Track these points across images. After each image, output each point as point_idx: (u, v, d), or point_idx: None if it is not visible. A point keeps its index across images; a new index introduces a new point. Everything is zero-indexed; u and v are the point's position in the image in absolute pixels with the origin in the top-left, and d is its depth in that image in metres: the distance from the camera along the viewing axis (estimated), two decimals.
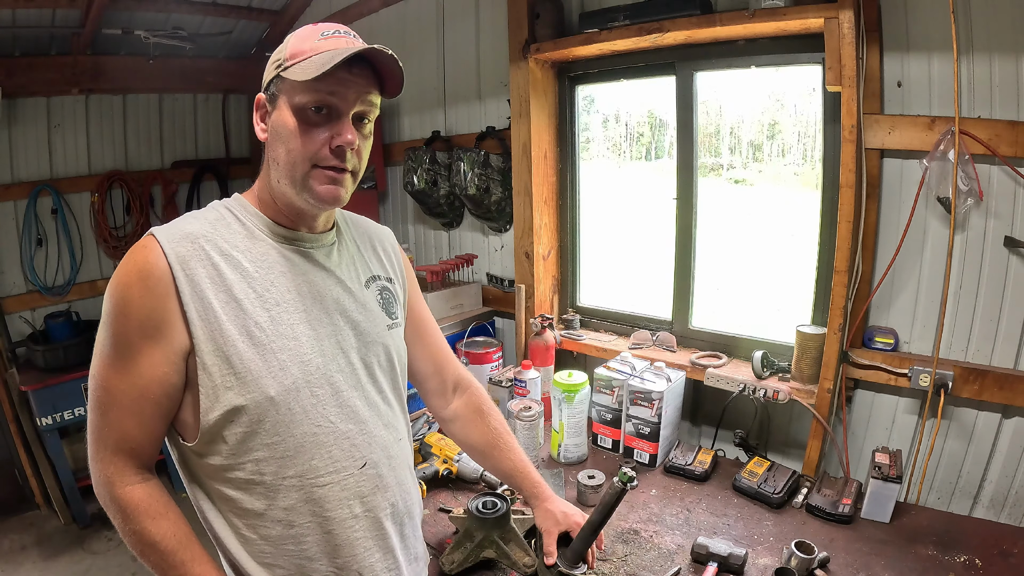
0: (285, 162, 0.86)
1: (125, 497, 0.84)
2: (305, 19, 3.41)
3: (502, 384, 2.02)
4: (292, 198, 0.88)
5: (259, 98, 0.90)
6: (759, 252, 2.20)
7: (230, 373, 0.83)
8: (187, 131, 3.72)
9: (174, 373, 0.83)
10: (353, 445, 0.92)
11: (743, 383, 1.74)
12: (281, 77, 0.86)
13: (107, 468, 0.84)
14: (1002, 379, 1.46)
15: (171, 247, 0.82)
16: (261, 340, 0.85)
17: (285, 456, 0.86)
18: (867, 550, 1.33)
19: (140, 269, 0.81)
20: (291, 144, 0.85)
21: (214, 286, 0.83)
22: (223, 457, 0.85)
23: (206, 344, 0.82)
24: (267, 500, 0.87)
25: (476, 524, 1.26)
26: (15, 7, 2.57)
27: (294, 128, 0.85)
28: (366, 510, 0.93)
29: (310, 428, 0.88)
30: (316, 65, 0.81)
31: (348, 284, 0.97)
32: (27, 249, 3.11)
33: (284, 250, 0.91)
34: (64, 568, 2.74)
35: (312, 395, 0.88)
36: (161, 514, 0.85)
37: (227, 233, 0.88)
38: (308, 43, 0.85)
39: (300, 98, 0.84)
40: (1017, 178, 1.40)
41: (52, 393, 2.84)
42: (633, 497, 1.56)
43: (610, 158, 2.53)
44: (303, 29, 0.89)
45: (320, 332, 0.91)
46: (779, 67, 1.81)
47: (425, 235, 2.95)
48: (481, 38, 2.48)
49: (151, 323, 0.81)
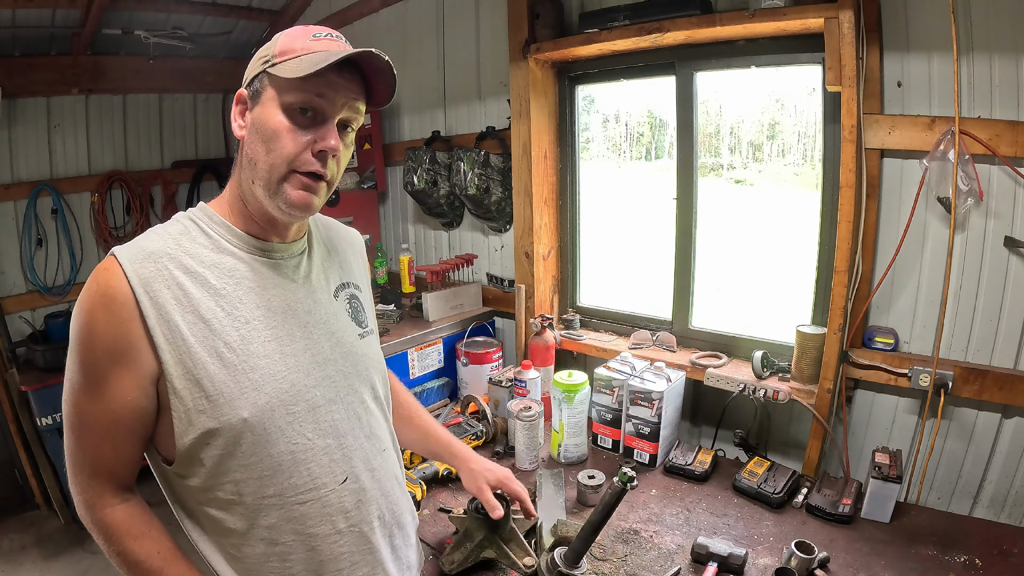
0: (264, 162, 0.82)
1: (105, 520, 0.83)
2: (305, 19, 3.41)
3: (502, 384, 2.02)
4: (264, 203, 0.85)
5: (240, 93, 0.86)
6: (759, 252, 2.20)
7: (202, 396, 0.80)
8: (187, 131, 3.73)
9: (144, 398, 0.80)
10: (332, 460, 0.89)
11: (743, 383, 1.74)
12: (268, 73, 0.82)
13: (86, 492, 0.83)
14: (1002, 379, 1.46)
15: (132, 268, 0.79)
16: (232, 361, 0.82)
17: (263, 476, 0.84)
18: (867, 550, 1.33)
19: (103, 293, 0.78)
20: (272, 143, 0.81)
21: (180, 307, 0.80)
22: (201, 479, 0.84)
23: (175, 368, 0.79)
24: (248, 520, 0.85)
25: (476, 524, 1.26)
26: (15, 7, 2.57)
27: (277, 126, 0.81)
28: (350, 525, 0.91)
29: (287, 447, 0.85)
30: (308, 63, 0.79)
31: (319, 295, 0.95)
32: (27, 249, 3.11)
33: (253, 262, 0.87)
34: (64, 568, 2.74)
35: (288, 413, 0.85)
36: (143, 533, 0.84)
37: (192, 247, 0.84)
38: (299, 42, 0.83)
39: (286, 96, 0.81)
40: (1017, 178, 1.40)
41: (52, 393, 2.83)
42: (633, 497, 1.56)
43: (610, 158, 2.54)
44: (294, 28, 0.86)
45: (294, 347, 0.88)
46: (779, 67, 1.81)
47: (425, 235, 2.95)
48: (481, 38, 2.48)
49: (117, 348, 0.78)
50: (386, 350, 2.04)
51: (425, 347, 2.25)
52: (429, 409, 2.21)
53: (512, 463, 1.76)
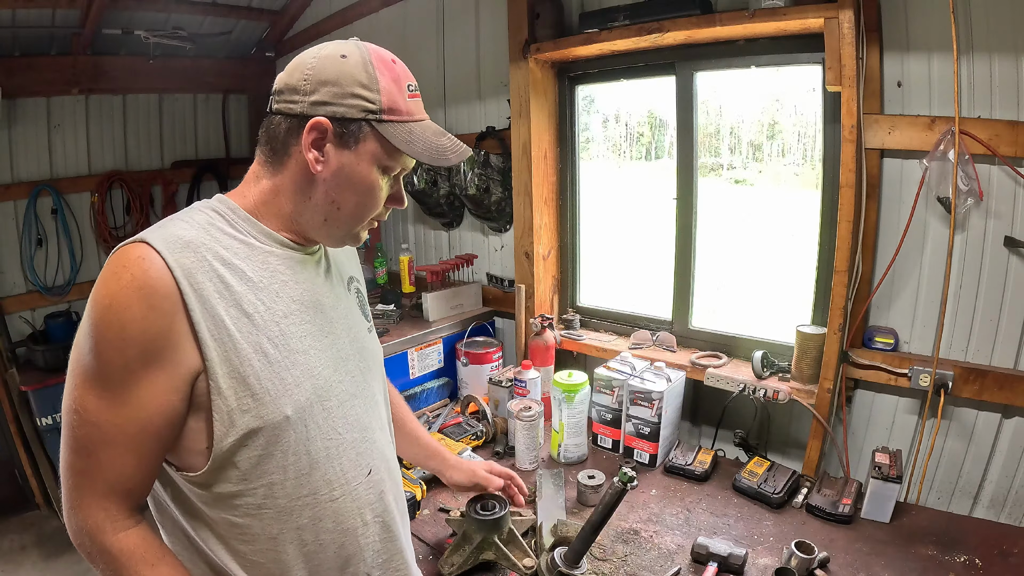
0: (351, 214, 0.85)
1: (118, 545, 0.75)
2: (305, 19, 3.41)
3: (502, 384, 2.02)
4: (321, 236, 0.88)
5: (321, 122, 0.78)
6: (759, 252, 2.20)
7: (248, 395, 0.77)
8: (187, 131, 3.72)
9: (180, 401, 0.75)
10: (359, 453, 0.91)
11: (743, 383, 1.74)
12: (373, 127, 0.80)
13: (95, 515, 0.75)
14: (1002, 379, 1.46)
15: (174, 258, 0.73)
16: (275, 357, 0.80)
17: (300, 475, 0.83)
18: (867, 550, 1.33)
19: (142, 285, 0.70)
20: (365, 199, 0.84)
21: (223, 300, 0.76)
22: (233, 483, 0.79)
23: (221, 366, 0.75)
24: (280, 523, 0.83)
25: (475, 526, 1.26)
26: (15, 7, 2.57)
27: (374, 184, 0.84)
28: (375, 516, 0.93)
29: (323, 443, 0.85)
30: (423, 147, 0.82)
31: (338, 289, 0.96)
32: (27, 249, 3.10)
33: (284, 256, 0.86)
34: (64, 568, 2.73)
35: (323, 409, 0.85)
36: (159, 559, 0.78)
37: (223, 239, 0.80)
38: (401, 99, 0.82)
39: (390, 162, 0.84)
40: (1017, 178, 1.40)
41: (52, 393, 2.83)
42: (633, 497, 1.56)
43: (610, 158, 2.54)
44: (385, 66, 0.82)
45: (324, 342, 0.88)
46: (779, 67, 1.81)
47: (425, 235, 2.95)
48: (481, 38, 2.48)
49: (155, 347, 0.72)
50: (386, 350, 2.04)
51: (425, 347, 2.25)
52: (429, 409, 2.21)
53: (512, 463, 1.76)
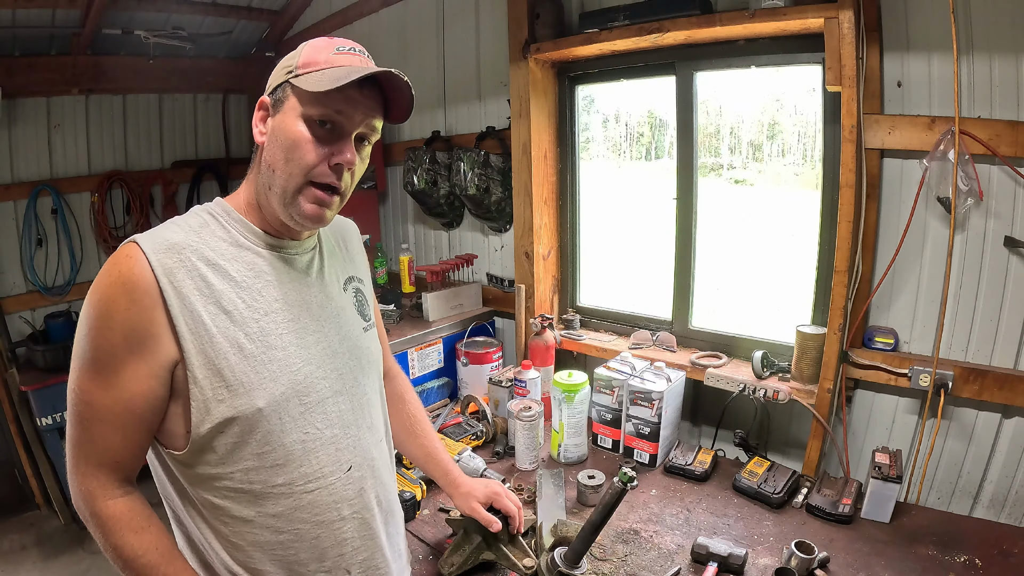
0: (282, 170, 0.85)
1: (107, 511, 0.82)
2: (305, 19, 3.41)
3: (502, 384, 2.02)
4: (277, 211, 0.87)
5: (263, 100, 0.89)
6: (759, 252, 2.20)
7: (222, 386, 0.82)
8: (187, 131, 3.72)
9: (160, 387, 0.81)
10: (338, 450, 0.93)
11: (743, 383, 1.74)
12: (290, 84, 0.85)
13: (89, 482, 0.82)
14: (1002, 379, 1.46)
15: (156, 258, 0.79)
16: (251, 351, 0.84)
17: (275, 465, 0.87)
18: (867, 550, 1.33)
19: (125, 281, 0.78)
20: (291, 153, 0.84)
21: (202, 298, 0.82)
22: (212, 466, 0.85)
23: (197, 358, 0.81)
24: (256, 507, 0.87)
25: (475, 527, 1.26)
26: (15, 7, 2.57)
27: (297, 136, 0.84)
28: (353, 512, 0.95)
29: (299, 436, 0.88)
30: (329, 78, 0.81)
31: (330, 290, 0.98)
32: (27, 249, 3.10)
33: (271, 257, 0.90)
34: (64, 568, 2.74)
35: (300, 404, 0.88)
36: (144, 527, 0.84)
37: (212, 241, 0.86)
38: (323, 55, 0.85)
39: (307, 109, 0.83)
40: (1017, 178, 1.40)
41: (52, 393, 2.84)
42: (633, 497, 1.56)
43: (610, 158, 2.54)
44: (318, 40, 0.88)
45: (307, 340, 0.91)
46: (779, 67, 1.81)
47: (425, 235, 2.95)
48: (481, 38, 2.48)
49: (136, 336, 0.78)
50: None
51: (425, 347, 2.25)
52: (429, 409, 2.21)
53: (512, 463, 1.76)
